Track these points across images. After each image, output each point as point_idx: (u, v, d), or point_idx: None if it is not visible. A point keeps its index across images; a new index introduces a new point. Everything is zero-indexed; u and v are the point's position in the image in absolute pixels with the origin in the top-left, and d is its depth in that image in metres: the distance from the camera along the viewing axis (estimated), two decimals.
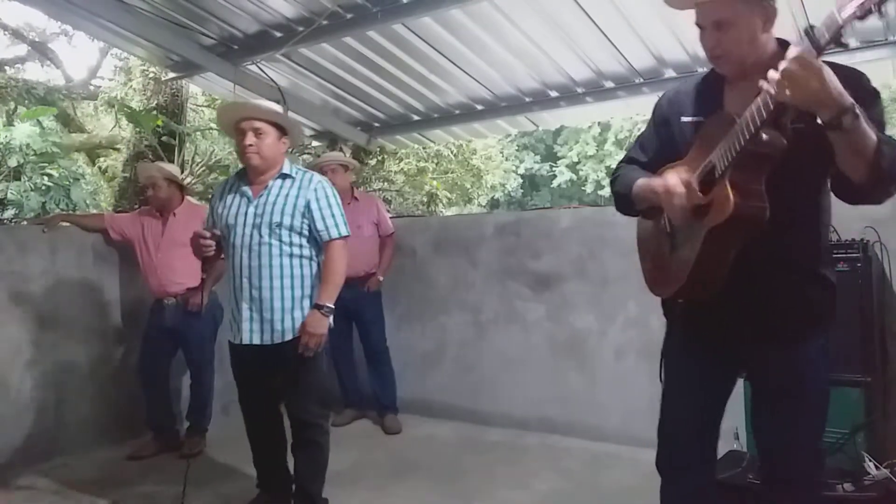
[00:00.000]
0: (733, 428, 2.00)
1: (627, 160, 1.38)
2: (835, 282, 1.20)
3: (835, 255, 1.98)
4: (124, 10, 3.03)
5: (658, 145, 1.31)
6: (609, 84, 3.41)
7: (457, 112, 3.94)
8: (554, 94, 3.57)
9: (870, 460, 1.88)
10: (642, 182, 1.25)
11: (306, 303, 1.89)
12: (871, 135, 0.98)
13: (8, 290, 2.57)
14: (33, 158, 5.02)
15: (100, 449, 2.73)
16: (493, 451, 2.66)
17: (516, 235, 2.99)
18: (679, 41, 2.87)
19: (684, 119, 1.24)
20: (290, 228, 1.85)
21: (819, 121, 0.98)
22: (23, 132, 5.00)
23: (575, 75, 3.37)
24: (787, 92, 0.94)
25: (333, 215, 1.90)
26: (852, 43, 2.80)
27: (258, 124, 1.86)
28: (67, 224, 2.83)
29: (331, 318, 1.89)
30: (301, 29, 3.05)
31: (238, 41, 3.33)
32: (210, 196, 2.14)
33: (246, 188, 1.91)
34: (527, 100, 3.68)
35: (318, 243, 1.91)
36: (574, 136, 14.49)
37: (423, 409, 3.15)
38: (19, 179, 4.93)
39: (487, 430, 2.91)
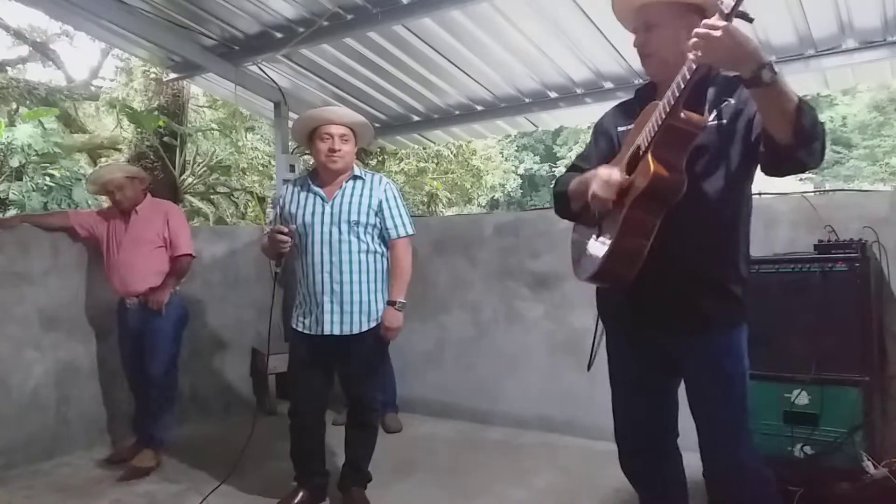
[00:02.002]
0: None
1: (570, 168, 1.46)
2: (748, 278, 1.28)
3: (833, 255, 2.00)
4: (125, 11, 3.05)
5: (598, 155, 1.38)
6: (608, 85, 3.42)
7: (457, 112, 3.96)
8: (553, 94, 3.58)
9: (868, 459, 1.87)
10: (577, 178, 1.33)
11: (379, 296, 2.02)
12: (792, 95, 1.06)
13: (10, 290, 2.58)
14: (35, 159, 5.04)
15: (101, 448, 2.74)
16: (492, 449, 2.66)
17: (515, 235, 3.00)
18: None
19: (620, 128, 1.33)
20: (365, 226, 1.98)
21: (742, 78, 1.06)
22: (24, 132, 5.02)
23: (574, 76, 3.38)
24: (703, 51, 1.03)
25: (401, 215, 2.04)
26: (851, 43, 2.81)
27: (344, 130, 1.98)
28: (27, 225, 2.67)
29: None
30: (302, 30, 3.07)
31: (239, 42, 3.35)
32: (211, 195, 2.18)
33: (318, 189, 2.01)
34: (526, 100, 3.69)
35: (386, 240, 2.04)
36: (574, 137, 14.51)
37: (424, 408, 3.16)
38: (21, 180, 4.94)
39: (487, 428, 2.92)
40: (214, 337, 3.31)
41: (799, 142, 1.06)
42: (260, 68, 3.47)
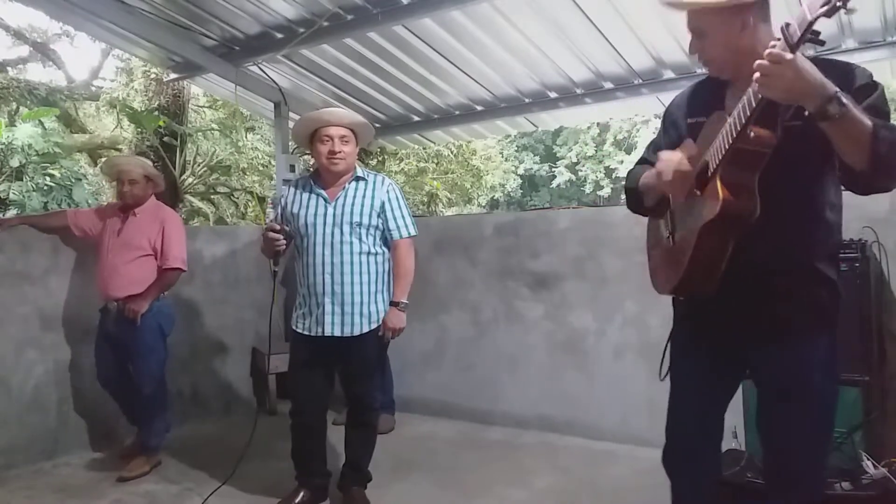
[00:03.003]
0: (732, 427, 2.00)
1: (640, 161, 1.42)
2: (836, 279, 1.19)
3: None
4: (126, 12, 3.05)
5: (666, 146, 1.32)
6: (608, 85, 3.42)
7: (457, 113, 3.96)
8: (553, 94, 3.59)
9: (868, 459, 1.88)
10: (648, 171, 1.29)
11: (379, 297, 2.01)
12: (865, 121, 0.98)
13: (10, 290, 2.58)
14: (35, 159, 5.04)
15: (101, 448, 2.74)
16: (492, 449, 2.67)
17: (515, 235, 3.01)
18: (678, 42, 2.88)
19: (689, 120, 1.27)
20: (368, 227, 1.98)
21: (807, 113, 0.99)
22: (25, 133, 5.03)
23: (574, 76, 3.39)
24: (765, 87, 0.96)
25: (404, 216, 2.04)
26: (850, 44, 2.82)
27: (344, 132, 1.97)
28: (26, 226, 2.64)
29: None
30: (302, 30, 3.07)
31: (239, 42, 3.35)
32: (212, 195, 2.17)
33: (321, 191, 2.00)
34: (526, 101, 3.70)
35: (388, 242, 2.04)
36: (573, 137, 14.51)
37: (423, 408, 3.16)
38: (21, 180, 4.95)
39: (487, 428, 2.92)
40: (215, 337, 3.31)
41: (876, 170, 0.99)
42: (260, 68, 3.48)
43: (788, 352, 1.17)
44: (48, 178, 5.06)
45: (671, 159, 1.19)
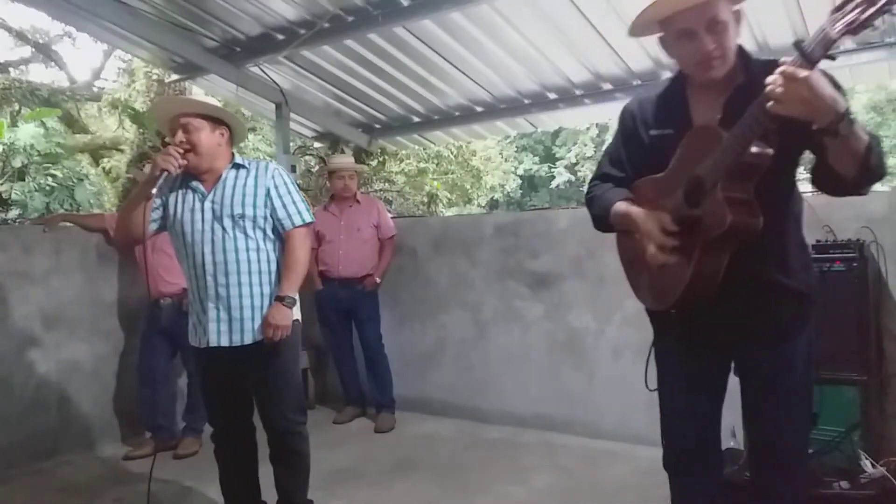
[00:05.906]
0: (730, 425, 2.01)
1: (601, 177, 1.37)
2: (812, 282, 1.24)
3: (831, 255, 2.01)
4: (128, 13, 3.07)
5: (628, 159, 1.31)
6: (607, 86, 3.44)
7: (456, 114, 3.98)
8: (552, 95, 3.60)
9: (866, 458, 1.89)
10: (621, 209, 1.26)
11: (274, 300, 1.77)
12: (863, 136, 0.99)
13: (12, 290, 2.59)
14: (37, 159, 5.06)
15: (102, 447, 2.75)
16: (491, 447, 2.68)
17: (515, 235, 3.02)
18: None
19: (653, 132, 1.25)
20: (254, 220, 1.73)
21: (815, 127, 0.98)
22: (27, 133, 5.04)
23: (573, 77, 3.40)
24: (779, 105, 0.95)
25: (295, 202, 1.78)
26: (849, 45, 2.83)
27: (185, 120, 1.71)
28: (69, 224, 2.83)
29: (294, 310, 1.78)
30: (303, 31, 3.09)
31: (240, 43, 3.36)
32: None
33: (196, 183, 1.75)
34: (526, 102, 3.71)
35: (281, 236, 1.79)
36: (572, 138, 14.51)
37: (424, 407, 3.17)
38: (23, 180, 4.96)
39: (486, 427, 2.93)
40: None
41: (863, 179, 1.03)
42: (261, 70, 3.49)
43: (774, 351, 1.22)
44: (50, 179, 5.08)
45: (653, 231, 1.17)
